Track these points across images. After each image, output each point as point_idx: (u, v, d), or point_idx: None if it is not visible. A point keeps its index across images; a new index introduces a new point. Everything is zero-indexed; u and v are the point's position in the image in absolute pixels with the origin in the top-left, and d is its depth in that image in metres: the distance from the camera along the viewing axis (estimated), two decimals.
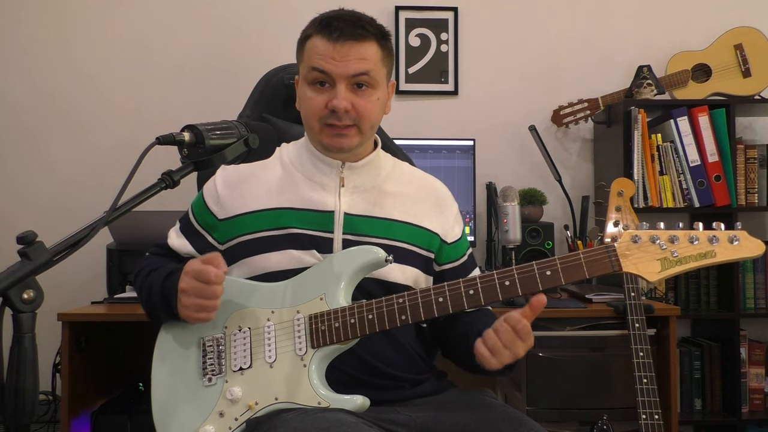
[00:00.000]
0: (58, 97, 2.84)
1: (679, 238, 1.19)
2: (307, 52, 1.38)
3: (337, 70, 1.34)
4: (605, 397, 2.10)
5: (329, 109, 1.35)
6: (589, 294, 2.25)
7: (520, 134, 2.86)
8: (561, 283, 1.22)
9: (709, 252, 1.18)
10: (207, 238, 1.43)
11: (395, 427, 1.28)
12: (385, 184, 1.45)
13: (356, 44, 1.34)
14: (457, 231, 1.51)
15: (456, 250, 1.49)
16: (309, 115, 1.39)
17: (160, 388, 1.38)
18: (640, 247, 1.20)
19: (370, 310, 1.27)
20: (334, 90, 1.35)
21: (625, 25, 2.93)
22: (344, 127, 1.36)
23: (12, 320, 0.91)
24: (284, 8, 2.86)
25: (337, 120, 1.35)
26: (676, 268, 1.19)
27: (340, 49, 1.34)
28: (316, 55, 1.35)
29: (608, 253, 1.21)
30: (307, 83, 1.38)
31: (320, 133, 1.38)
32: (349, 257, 1.31)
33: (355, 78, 1.35)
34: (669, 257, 1.19)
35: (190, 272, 1.28)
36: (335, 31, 1.34)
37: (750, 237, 1.19)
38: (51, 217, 2.75)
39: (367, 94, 1.37)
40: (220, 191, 1.42)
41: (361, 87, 1.36)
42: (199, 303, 1.27)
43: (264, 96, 2.03)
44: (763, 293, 2.65)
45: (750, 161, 2.64)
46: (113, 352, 2.30)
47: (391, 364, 1.35)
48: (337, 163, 1.41)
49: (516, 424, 1.25)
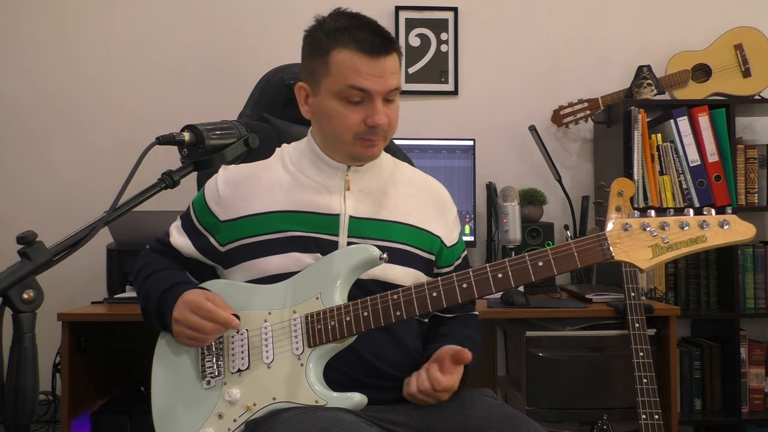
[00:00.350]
0: (58, 97, 2.84)
1: (670, 225, 1.19)
2: (337, 66, 1.32)
3: (378, 88, 1.32)
4: (605, 397, 2.10)
5: (368, 126, 1.34)
6: (589, 294, 2.25)
7: (520, 134, 2.86)
8: (554, 273, 1.22)
9: (700, 237, 1.18)
10: (209, 240, 1.42)
11: (395, 426, 1.28)
12: (388, 185, 1.45)
13: (389, 58, 1.34)
14: (455, 234, 1.52)
15: (453, 254, 1.51)
16: (342, 130, 1.35)
17: (160, 391, 1.38)
18: (631, 234, 1.20)
19: (365, 307, 1.27)
20: (370, 105, 1.33)
21: (625, 25, 2.93)
22: (377, 138, 1.37)
23: (12, 320, 0.91)
24: (284, 8, 2.86)
25: (374, 135, 1.35)
26: (667, 254, 1.18)
27: (379, 65, 1.32)
28: (352, 71, 1.31)
29: (599, 242, 1.21)
30: (337, 98, 1.34)
31: (353, 145, 1.37)
32: (344, 256, 1.32)
33: (389, 93, 1.35)
34: (660, 244, 1.18)
35: (188, 302, 1.29)
36: (373, 48, 1.31)
37: (740, 220, 1.19)
38: (51, 217, 2.75)
39: (394, 106, 1.38)
40: (221, 192, 1.41)
41: (391, 100, 1.37)
42: (191, 335, 1.30)
43: (264, 96, 2.03)
44: (763, 293, 2.65)
45: (750, 161, 2.64)
46: (113, 352, 2.30)
47: (393, 364, 1.35)
48: (343, 166, 1.41)
49: (516, 424, 1.25)
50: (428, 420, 1.30)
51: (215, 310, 1.27)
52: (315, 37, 1.37)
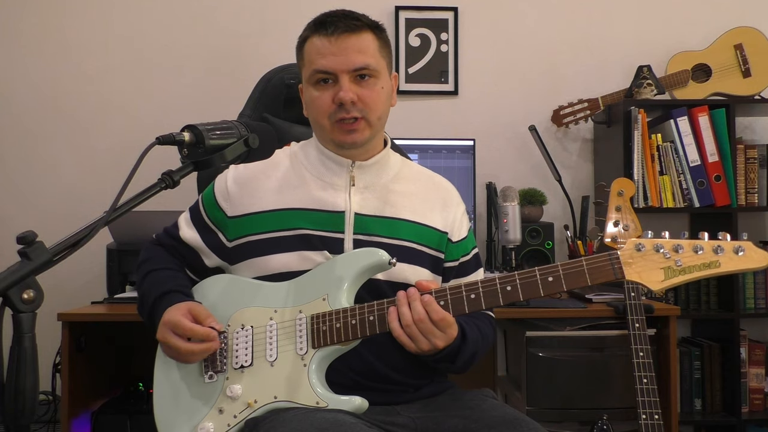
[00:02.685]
0: (59, 97, 2.84)
1: (684, 248, 1.17)
2: (306, 55, 1.40)
3: (338, 66, 1.35)
4: (605, 397, 2.10)
5: (336, 104, 1.35)
6: (589, 294, 2.25)
7: (520, 134, 2.86)
8: (563, 289, 1.22)
9: (714, 262, 1.17)
10: (218, 236, 1.43)
11: (395, 428, 1.28)
12: (394, 183, 1.45)
13: (352, 36, 1.36)
14: (463, 230, 1.50)
15: (458, 249, 1.49)
16: (318, 114, 1.39)
17: (162, 383, 1.39)
18: (644, 255, 1.19)
19: (372, 311, 1.27)
20: (338, 84, 1.35)
21: (625, 25, 2.93)
22: (353, 121, 1.36)
23: (12, 320, 0.90)
24: (284, 8, 2.86)
25: (345, 113, 1.35)
26: (679, 277, 1.17)
27: (338, 43, 1.35)
28: (315, 54, 1.36)
29: (611, 261, 1.20)
30: (311, 84, 1.39)
31: (331, 131, 1.38)
32: (353, 259, 1.31)
33: (357, 71, 1.36)
34: (673, 266, 1.17)
35: (167, 323, 1.29)
36: (330, 27, 1.35)
37: (755, 248, 1.17)
38: (51, 217, 2.75)
39: (370, 84, 1.38)
40: (230, 188, 1.42)
41: (364, 78, 1.37)
42: (173, 355, 1.31)
43: (264, 96, 2.03)
44: (763, 293, 2.65)
45: (750, 161, 2.64)
46: (113, 352, 2.31)
47: (398, 369, 1.35)
48: (347, 162, 1.41)
49: (516, 424, 1.25)
50: (429, 421, 1.30)
51: (193, 328, 1.27)
52: (299, 37, 1.43)
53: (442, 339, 1.25)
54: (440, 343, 1.25)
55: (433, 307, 1.23)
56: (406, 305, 1.24)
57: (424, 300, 1.23)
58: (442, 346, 1.26)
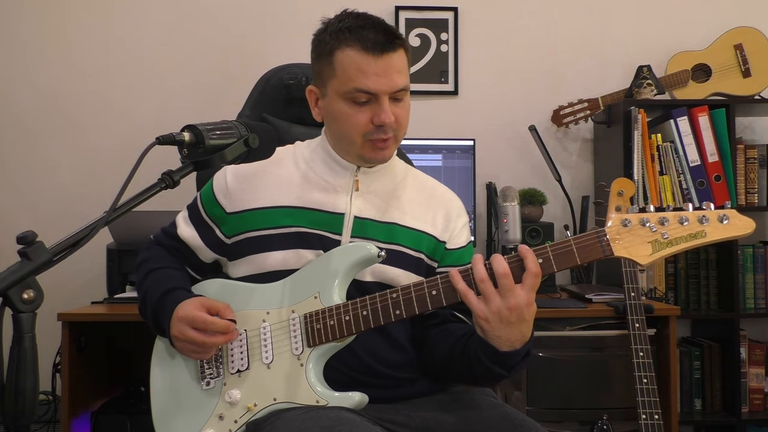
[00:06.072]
0: (58, 97, 2.84)
1: (669, 220, 1.17)
2: (342, 67, 1.32)
3: (382, 87, 1.31)
4: (605, 397, 2.11)
5: (375, 125, 1.33)
6: (589, 294, 2.25)
7: (520, 134, 2.86)
8: (553, 270, 1.21)
9: (700, 232, 1.17)
10: (216, 232, 1.42)
11: (395, 426, 1.28)
12: (398, 190, 1.44)
13: (393, 55, 1.32)
14: (461, 240, 1.47)
15: (452, 256, 1.45)
16: (351, 131, 1.34)
17: (159, 393, 1.38)
18: (631, 230, 1.19)
19: (365, 306, 1.26)
20: (376, 105, 1.32)
21: (625, 25, 2.93)
22: (386, 139, 1.35)
23: (12, 320, 0.90)
24: (284, 8, 2.86)
25: (384, 134, 1.33)
26: (667, 249, 1.17)
27: (381, 63, 1.30)
28: (356, 71, 1.30)
29: (599, 238, 1.19)
30: (343, 99, 1.33)
31: (362, 148, 1.36)
32: (341, 254, 1.31)
33: (396, 92, 1.33)
34: (660, 239, 1.17)
35: (183, 318, 1.28)
36: (369, 42, 1.30)
37: (739, 215, 1.18)
38: (51, 217, 2.75)
39: (403, 104, 1.36)
40: (230, 184, 1.41)
41: (399, 98, 1.35)
42: (193, 349, 1.29)
43: (264, 96, 2.02)
44: (763, 293, 2.65)
45: (750, 161, 2.64)
46: (113, 352, 2.31)
47: (389, 364, 1.35)
48: (353, 167, 1.40)
49: (516, 424, 1.25)
50: (428, 420, 1.30)
51: (214, 322, 1.26)
52: (321, 39, 1.37)
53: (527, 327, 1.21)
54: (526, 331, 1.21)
55: None
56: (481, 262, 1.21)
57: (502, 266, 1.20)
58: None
